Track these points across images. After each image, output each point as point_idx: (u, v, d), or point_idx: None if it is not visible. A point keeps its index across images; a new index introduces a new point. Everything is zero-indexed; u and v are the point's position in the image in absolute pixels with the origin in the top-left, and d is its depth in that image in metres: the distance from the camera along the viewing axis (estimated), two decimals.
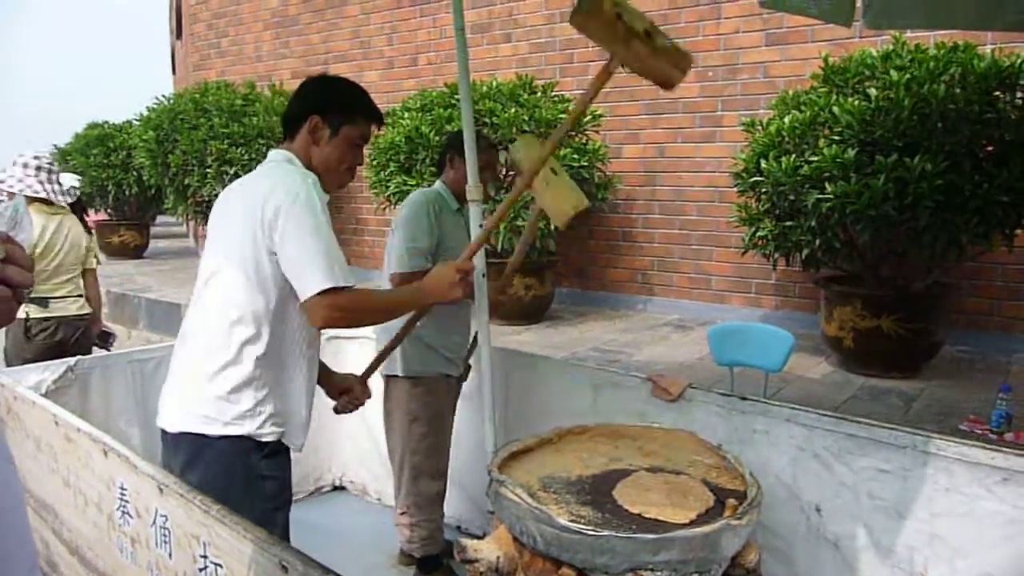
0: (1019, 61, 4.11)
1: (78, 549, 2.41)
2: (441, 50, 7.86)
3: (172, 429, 1.93)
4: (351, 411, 2.36)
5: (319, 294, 1.75)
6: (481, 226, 2.55)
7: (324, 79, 2.10)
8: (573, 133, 5.99)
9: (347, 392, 2.31)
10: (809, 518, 2.30)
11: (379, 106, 2.08)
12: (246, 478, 1.90)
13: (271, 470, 1.93)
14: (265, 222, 1.80)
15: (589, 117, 5.99)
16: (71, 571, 2.47)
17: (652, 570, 1.60)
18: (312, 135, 1.96)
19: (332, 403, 2.33)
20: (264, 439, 1.90)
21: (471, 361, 2.97)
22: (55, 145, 11.14)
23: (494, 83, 6.08)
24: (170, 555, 1.85)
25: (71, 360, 2.96)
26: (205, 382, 1.89)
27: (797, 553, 2.33)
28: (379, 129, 2.10)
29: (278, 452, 1.95)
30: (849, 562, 2.23)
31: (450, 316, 2.81)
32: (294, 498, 2.15)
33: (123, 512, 2.05)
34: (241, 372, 1.86)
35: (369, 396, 2.38)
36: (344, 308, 1.79)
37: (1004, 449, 1.97)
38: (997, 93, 4.13)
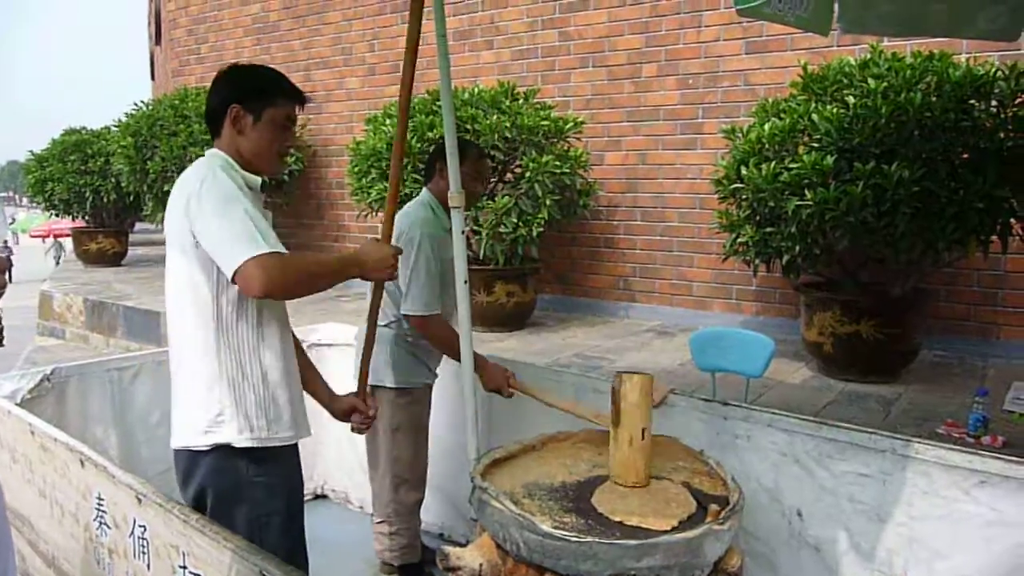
0: (993, 70, 4.18)
1: (55, 561, 2.37)
2: (423, 57, 7.84)
3: (172, 446, 1.94)
4: (368, 428, 2.37)
5: (244, 263, 1.67)
6: (463, 232, 2.56)
7: (235, 68, 2.03)
8: (555, 140, 6.01)
9: (353, 411, 2.30)
10: (791, 522, 2.31)
11: (361, 112, 2.07)
12: (235, 486, 1.87)
13: (260, 476, 1.89)
14: (188, 217, 1.78)
15: (571, 124, 6.02)
16: None
17: None
18: (235, 125, 1.94)
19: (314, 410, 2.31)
20: (239, 444, 1.85)
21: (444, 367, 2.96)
22: (31, 151, 10.97)
23: (476, 90, 6.08)
24: (148, 566, 1.83)
25: (47, 368, 2.92)
26: (185, 392, 1.88)
27: (779, 557, 2.34)
28: (301, 109, 2.05)
29: (267, 458, 1.90)
30: (830, 565, 2.24)
31: None
32: None
33: (100, 523, 2.02)
34: (208, 374, 1.84)
35: (376, 407, 2.38)
36: (273, 268, 1.69)
37: (981, 452, 2.00)
38: (972, 101, 4.19)
